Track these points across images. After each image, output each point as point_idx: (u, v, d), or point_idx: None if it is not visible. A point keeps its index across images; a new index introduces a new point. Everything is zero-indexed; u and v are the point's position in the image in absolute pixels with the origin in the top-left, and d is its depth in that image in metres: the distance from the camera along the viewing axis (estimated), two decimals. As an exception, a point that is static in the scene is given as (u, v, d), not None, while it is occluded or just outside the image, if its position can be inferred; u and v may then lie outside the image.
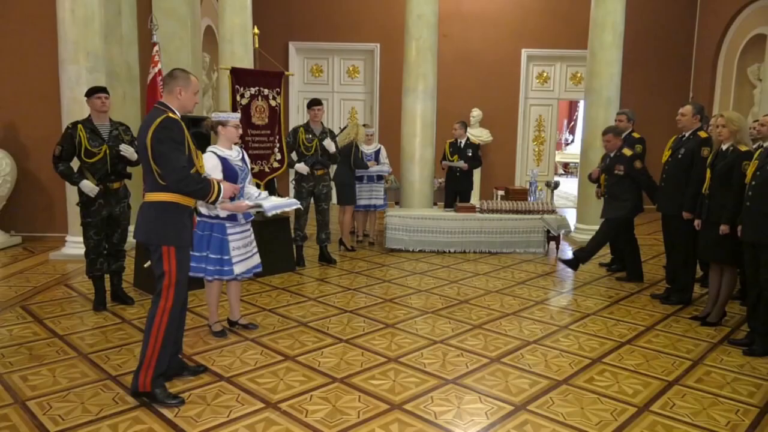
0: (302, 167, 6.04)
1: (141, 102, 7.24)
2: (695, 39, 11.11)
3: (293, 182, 6.29)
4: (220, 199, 3.20)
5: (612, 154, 5.67)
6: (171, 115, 3.04)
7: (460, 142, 7.68)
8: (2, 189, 6.85)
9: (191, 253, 3.58)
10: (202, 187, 3.09)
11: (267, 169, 6.03)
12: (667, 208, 5.05)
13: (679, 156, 4.96)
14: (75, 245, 6.12)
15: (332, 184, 6.65)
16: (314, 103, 6.14)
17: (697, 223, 4.60)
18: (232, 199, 3.52)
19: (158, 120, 2.99)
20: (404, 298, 5.16)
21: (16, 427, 2.82)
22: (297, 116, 11.04)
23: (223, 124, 3.93)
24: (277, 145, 6.08)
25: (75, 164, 4.52)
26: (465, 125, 7.84)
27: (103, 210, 4.53)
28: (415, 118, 7.90)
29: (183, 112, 3.17)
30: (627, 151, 5.58)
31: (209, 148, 3.92)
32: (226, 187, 3.28)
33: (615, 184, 5.63)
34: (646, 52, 10.88)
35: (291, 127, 6.62)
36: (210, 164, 3.70)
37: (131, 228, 4.01)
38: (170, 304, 3.05)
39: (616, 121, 6.23)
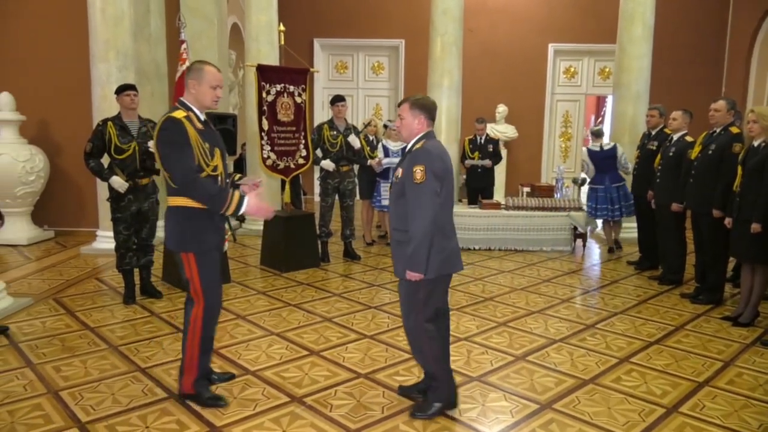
0: (328, 164, 6.06)
1: (169, 99, 7.36)
2: (728, 31, 10.81)
3: (319, 179, 6.32)
4: (241, 211, 2.91)
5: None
6: (174, 114, 2.85)
7: (480, 139, 7.57)
8: (36, 185, 7.02)
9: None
10: (213, 196, 2.84)
11: (293, 165, 6.07)
12: (697, 206, 4.94)
13: (709, 152, 4.84)
14: (105, 240, 6.25)
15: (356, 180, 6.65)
16: (337, 99, 6.15)
17: (727, 221, 4.49)
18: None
19: (160, 122, 2.89)
20: (428, 295, 5.14)
21: (50, 416, 2.90)
22: (321, 113, 11.08)
23: None
24: (303, 141, 6.10)
25: (105, 160, 4.61)
26: (484, 121, 7.77)
27: (132, 206, 4.61)
28: (440, 114, 7.84)
29: (201, 109, 2.97)
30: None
31: None
32: (252, 203, 2.93)
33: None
34: (677, 45, 10.62)
35: (315, 124, 6.65)
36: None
37: (160, 223, 4.08)
38: (201, 310, 2.97)
39: (647, 116, 6.10)
